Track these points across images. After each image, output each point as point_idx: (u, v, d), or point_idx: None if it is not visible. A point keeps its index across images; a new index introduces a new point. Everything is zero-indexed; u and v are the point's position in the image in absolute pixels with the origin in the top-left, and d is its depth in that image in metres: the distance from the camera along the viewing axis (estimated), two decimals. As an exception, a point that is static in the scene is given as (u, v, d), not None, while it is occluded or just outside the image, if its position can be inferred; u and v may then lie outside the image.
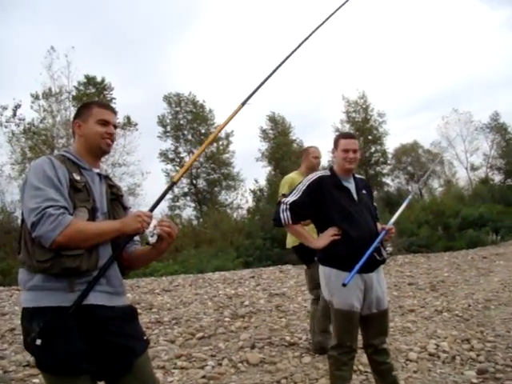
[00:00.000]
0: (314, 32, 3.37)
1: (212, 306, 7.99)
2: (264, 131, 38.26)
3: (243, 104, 2.85)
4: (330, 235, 3.75)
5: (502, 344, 6.05)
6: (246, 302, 8.13)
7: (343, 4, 3.59)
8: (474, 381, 4.81)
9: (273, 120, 38.27)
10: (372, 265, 3.74)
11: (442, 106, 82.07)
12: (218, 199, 35.87)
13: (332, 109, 77.42)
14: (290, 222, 3.80)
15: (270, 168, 36.69)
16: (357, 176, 4.08)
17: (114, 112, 2.51)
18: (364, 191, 4.02)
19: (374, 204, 4.16)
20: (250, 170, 48.45)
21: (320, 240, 3.83)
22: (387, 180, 43.12)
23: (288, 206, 3.79)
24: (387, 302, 3.93)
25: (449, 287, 9.96)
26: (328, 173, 3.96)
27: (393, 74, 72.67)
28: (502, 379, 4.84)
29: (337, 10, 3.54)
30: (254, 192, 30.81)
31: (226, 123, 2.80)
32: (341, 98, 40.69)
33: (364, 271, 3.66)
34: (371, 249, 3.62)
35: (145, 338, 2.52)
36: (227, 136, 35.09)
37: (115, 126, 2.49)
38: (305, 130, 65.35)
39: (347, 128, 39.05)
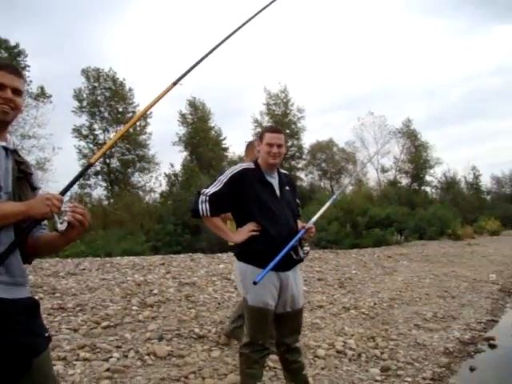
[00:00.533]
0: (246, 23, 3.26)
1: (119, 293, 7.67)
2: (183, 115, 37.72)
3: (174, 84, 2.68)
4: (248, 230, 3.64)
5: (404, 342, 6.29)
6: (155, 291, 7.89)
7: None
8: (378, 378, 4.95)
9: (193, 105, 37.81)
10: (288, 263, 3.68)
11: (359, 108, 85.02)
12: (130, 181, 35.01)
13: (253, 100, 77.88)
14: (209, 214, 3.64)
15: (186, 153, 36.27)
16: (281, 171, 3.98)
17: (16, 74, 2.13)
18: (287, 187, 3.94)
19: (297, 201, 4.10)
20: (166, 153, 47.74)
21: (238, 235, 3.71)
22: (301, 175, 44.08)
23: (207, 198, 3.63)
24: (303, 301, 3.90)
25: (356, 284, 10.25)
26: (252, 166, 3.83)
27: (316, 72, 74.32)
28: (403, 376, 5.02)
29: (269, 3, 3.45)
30: (168, 176, 30.32)
31: (155, 102, 2.61)
32: (263, 89, 40.99)
33: (280, 269, 3.59)
34: (288, 247, 3.55)
35: (46, 334, 2.26)
36: (145, 117, 34.27)
37: (18, 92, 2.11)
38: (224, 118, 65.28)
39: (266, 120, 39.44)
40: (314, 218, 4.06)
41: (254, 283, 3.37)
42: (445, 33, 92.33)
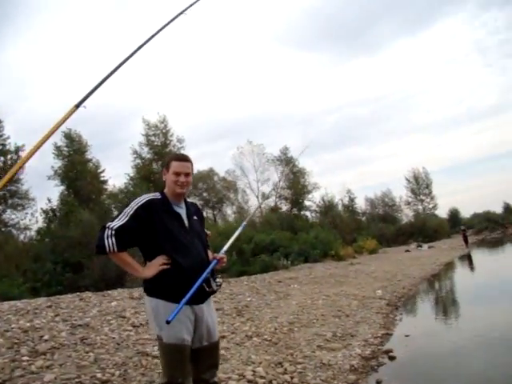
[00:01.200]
0: (135, 52, 3.23)
1: (4, 343, 6.94)
2: (58, 148, 35.91)
3: (77, 106, 2.49)
4: (158, 264, 3.44)
5: (311, 364, 6.32)
6: (46, 336, 7.21)
7: (159, 30, 3.52)
8: (292, 404, 4.89)
9: (68, 137, 36.16)
10: (202, 296, 3.53)
11: (238, 137, 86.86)
12: (2, 218, 32.47)
13: (135, 130, 76.94)
14: (116, 249, 3.38)
15: (63, 187, 34.49)
16: (188, 200, 3.85)
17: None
18: (195, 217, 3.80)
19: (206, 230, 3.99)
20: (42, 188, 45.18)
21: (148, 269, 3.48)
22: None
23: (113, 232, 3.38)
24: (218, 333, 3.76)
25: (254, 311, 10.21)
26: (158, 196, 3.65)
27: (193, 101, 75.13)
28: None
29: (157, 32, 3.45)
30: (45, 212, 28.52)
31: (59, 126, 2.41)
32: (141, 120, 40.35)
33: (194, 302, 3.43)
34: (200, 279, 3.40)
35: None
36: (16, 150, 32.03)
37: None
38: (102, 149, 63.37)
39: (146, 151, 38.78)
40: (226, 247, 3.96)
41: (167, 322, 3.19)
42: (317, 65, 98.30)
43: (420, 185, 64.99)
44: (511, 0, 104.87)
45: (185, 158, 3.70)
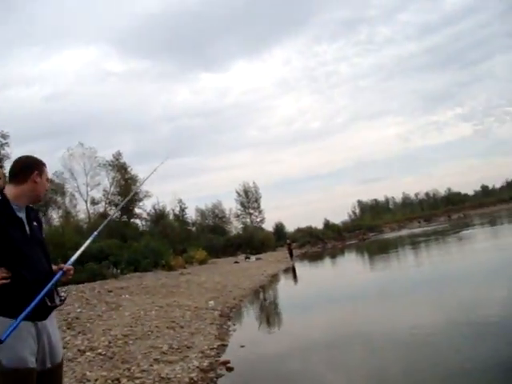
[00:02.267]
0: None
1: None
2: None
3: None
4: (-4, 278, 3.04)
5: (149, 379, 6.12)
6: None
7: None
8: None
9: None
10: (44, 311, 3.17)
11: (68, 138, 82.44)
12: None
13: None
14: None
15: None
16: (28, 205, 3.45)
17: None
18: (35, 223, 3.42)
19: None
20: None
21: (-16, 284, 3.06)
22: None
23: None
24: (62, 353, 3.42)
25: (85, 324, 9.65)
26: (-2, 197, 3.21)
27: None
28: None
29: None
30: None
31: None
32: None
33: (36, 318, 3.08)
34: (42, 292, 3.06)
35: None
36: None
37: None
38: None
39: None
40: (74, 258, 3.63)
41: (1, 341, 2.79)
42: (156, 73, 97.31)
43: (249, 198, 67.41)
44: (338, 37, 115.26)
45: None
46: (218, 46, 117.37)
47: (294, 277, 24.28)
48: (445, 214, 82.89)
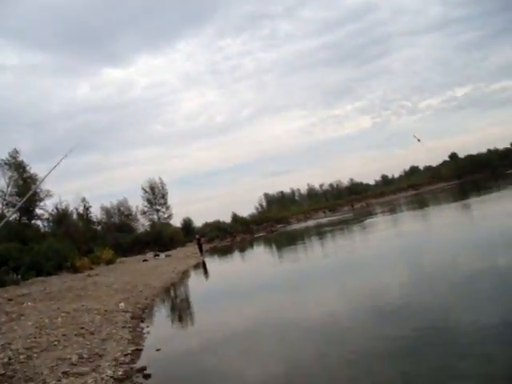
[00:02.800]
0: None
1: None
2: None
3: None
4: None
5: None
6: None
7: None
8: None
9: None
10: None
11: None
12: None
13: None
14: None
15: None
16: None
17: None
18: None
19: None
20: None
21: None
22: None
23: None
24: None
25: (-18, 338, 8.79)
26: None
27: None
28: None
29: None
30: None
31: None
32: None
33: None
34: None
35: None
36: None
37: None
38: None
39: None
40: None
41: None
42: (53, 68, 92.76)
43: (156, 195, 65.94)
44: (243, 32, 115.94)
45: None
46: (120, 40, 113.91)
47: (205, 272, 23.98)
48: (348, 203, 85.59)
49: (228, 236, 58.57)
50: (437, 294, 8.37)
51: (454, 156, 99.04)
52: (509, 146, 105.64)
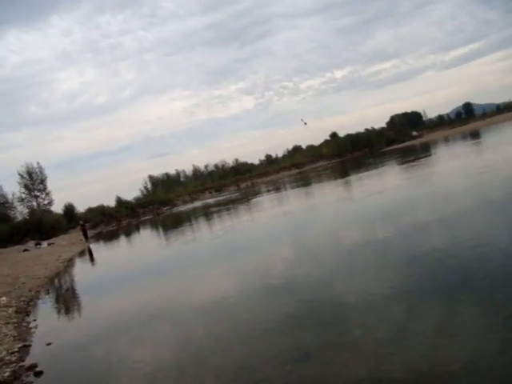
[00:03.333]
0: None
1: None
2: None
3: None
4: None
5: None
6: None
7: None
8: None
9: None
10: None
11: None
12: None
13: None
14: None
15: None
16: None
17: None
18: None
19: None
20: None
21: None
22: None
23: None
24: None
25: None
26: None
27: None
28: None
29: None
30: None
31: None
32: None
33: None
34: None
35: None
36: None
37: None
38: None
39: None
40: None
41: None
42: None
43: (34, 180, 62.20)
44: (122, 9, 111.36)
45: None
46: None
47: (91, 259, 23.14)
48: (234, 183, 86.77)
49: (113, 221, 57.01)
50: (319, 267, 8.88)
51: (334, 135, 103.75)
52: (384, 126, 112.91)
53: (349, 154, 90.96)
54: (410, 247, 8.42)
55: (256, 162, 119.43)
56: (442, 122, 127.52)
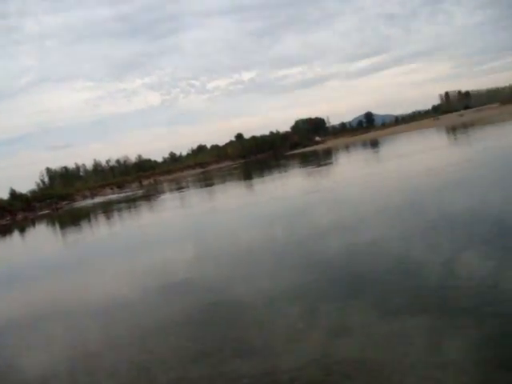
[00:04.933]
0: None
1: None
2: None
3: None
4: None
5: None
6: None
7: None
8: None
9: None
10: None
11: None
12: None
13: None
14: None
15: None
16: None
17: None
18: None
19: None
20: None
21: None
22: None
23: None
24: None
25: None
26: None
27: None
28: None
29: None
30: None
31: None
32: None
33: None
34: None
35: None
36: None
37: None
38: None
39: None
40: None
41: None
42: None
43: None
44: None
45: None
46: None
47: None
48: (136, 180, 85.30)
49: (7, 214, 54.10)
50: (217, 270, 9.05)
51: (239, 136, 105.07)
52: (289, 130, 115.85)
53: (253, 156, 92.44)
54: (300, 251, 8.88)
55: (160, 159, 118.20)
56: (344, 129, 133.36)
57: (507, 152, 16.97)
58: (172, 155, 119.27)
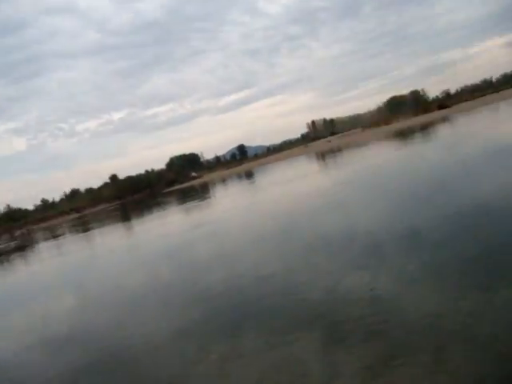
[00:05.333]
0: None
1: None
2: None
3: None
4: None
5: None
6: None
7: None
8: None
9: None
10: None
11: None
12: None
13: None
14: None
15: None
16: None
17: None
18: None
19: None
20: None
21: None
22: None
23: None
24: None
25: None
26: None
27: None
28: None
29: None
30: None
31: None
32: None
33: None
34: None
35: None
36: None
37: None
38: None
39: None
40: None
41: None
42: None
43: None
44: None
45: None
46: None
47: None
48: (7, 231, 79.94)
49: None
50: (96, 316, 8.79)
51: (114, 178, 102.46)
52: (164, 167, 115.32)
53: (130, 196, 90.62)
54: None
55: (30, 207, 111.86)
56: (218, 162, 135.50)
57: (374, 171, 18.44)
58: (44, 202, 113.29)
